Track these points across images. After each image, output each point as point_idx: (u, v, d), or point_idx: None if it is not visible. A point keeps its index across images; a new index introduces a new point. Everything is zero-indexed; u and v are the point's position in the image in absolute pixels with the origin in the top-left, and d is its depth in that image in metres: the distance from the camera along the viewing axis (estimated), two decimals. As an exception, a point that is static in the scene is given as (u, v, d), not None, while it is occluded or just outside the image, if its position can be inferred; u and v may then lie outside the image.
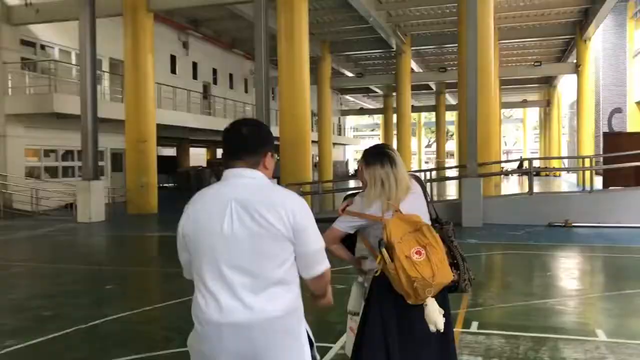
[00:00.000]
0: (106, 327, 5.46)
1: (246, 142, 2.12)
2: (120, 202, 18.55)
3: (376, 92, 47.38)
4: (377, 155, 2.94)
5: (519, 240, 11.06)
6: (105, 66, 22.73)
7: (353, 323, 2.97)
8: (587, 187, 13.54)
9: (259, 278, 1.99)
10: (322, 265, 2.12)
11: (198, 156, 39.17)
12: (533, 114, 66.34)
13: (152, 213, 17.61)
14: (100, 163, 22.48)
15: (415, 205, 2.90)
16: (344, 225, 2.91)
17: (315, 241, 2.10)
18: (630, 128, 28.19)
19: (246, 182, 2.07)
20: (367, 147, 3.06)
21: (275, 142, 2.83)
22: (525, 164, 32.71)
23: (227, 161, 2.14)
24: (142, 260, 10.09)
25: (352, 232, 2.92)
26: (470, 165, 12.86)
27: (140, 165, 17.83)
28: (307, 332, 2.12)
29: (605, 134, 16.85)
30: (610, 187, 13.92)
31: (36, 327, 5.42)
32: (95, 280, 7.83)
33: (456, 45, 28.02)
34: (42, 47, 20.53)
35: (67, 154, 21.43)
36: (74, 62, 20.56)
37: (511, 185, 30.66)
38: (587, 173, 13.96)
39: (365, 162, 2.95)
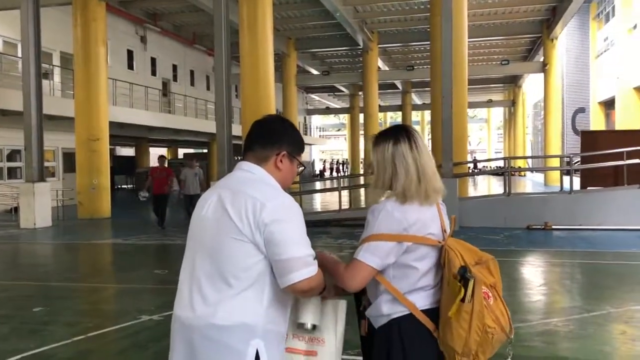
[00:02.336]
0: (21, 367, 4.41)
1: (258, 136, 2.01)
2: (72, 206, 17.26)
3: (342, 91, 46.79)
4: (389, 132, 2.08)
5: (499, 245, 10.36)
6: (56, 60, 21.38)
7: (302, 343, 2.05)
8: (566, 188, 13.00)
9: (216, 276, 1.83)
10: (290, 275, 1.80)
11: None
12: (497, 114, 66.84)
13: (105, 217, 16.40)
14: (51, 163, 21.27)
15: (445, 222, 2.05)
16: (377, 258, 1.93)
17: (285, 249, 1.80)
18: (593, 128, 28.22)
19: (240, 174, 1.97)
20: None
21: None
22: (478, 164, 32.69)
23: (243, 154, 2.04)
24: (85, 273, 8.96)
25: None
26: (445, 165, 12.15)
27: (92, 166, 16.64)
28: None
29: (582, 132, 16.40)
30: (589, 187, 13.40)
31: None
32: (24, 300, 6.70)
33: (424, 42, 27.91)
34: (-16, 39, 19.10)
35: (14, 154, 20.03)
36: (19, 55, 19.16)
37: (478, 186, 30.39)
38: (557, 173, 13.44)
39: (374, 144, 2.08)
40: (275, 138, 1.99)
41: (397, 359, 1.93)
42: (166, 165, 14.51)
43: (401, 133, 2.04)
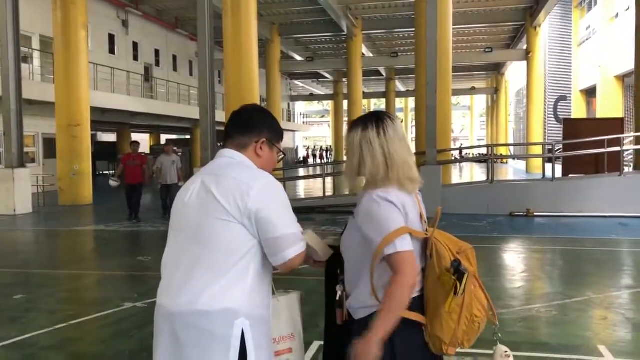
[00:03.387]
0: (2, 355, 4.33)
1: (237, 124, 2.05)
2: (53, 192, 17.04)
3: (326, 78, 46.64)
4: (360, 119, 2.06)
5: (482, 232, 10.44)
6: (36, 44, 20.97)
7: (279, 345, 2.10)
8: (548, 175, 13.11)
9: (198, 260, 1.82)
10: (285, 252, 1.86)
11: (141, 142, 37.41)
12: (480, 102, 67.12)
13: (87, 204, 16.22)
14: (31, 149, 20.95)
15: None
16: (407, 239, 1.87)
17: (276, 228, 1.84)
18: (575, 116, 28.46)
19: (222, 160, 1.99)
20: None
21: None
22: (476, 151, 32.93)
23: (223, 142, 2.07)
24: (67, 260, 8.85)
25: None
26: (429, 152, 12.19)
27: (73, 152, 16.42)
28: (248, 344, 1.80)
29: (565, 120, 16.52)
30: (571, 175, 13.54)
31: None
32: (3, 287, 6.61)
33: (408, 29, 27.87)
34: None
35: (-7, 139, 19.67)
36: (-2, 38, 18.76)
37: (460, 173, 30.57)
38: (540, 160, 13.55)
39: (347, 130, 2.08)
40: (254, 126, 2.04)
41: (384, 352, 1.86)
42: (139, 151, 13.31)
43: (370, 119, 2.00)
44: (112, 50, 25.99)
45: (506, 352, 1.99)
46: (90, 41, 19.12)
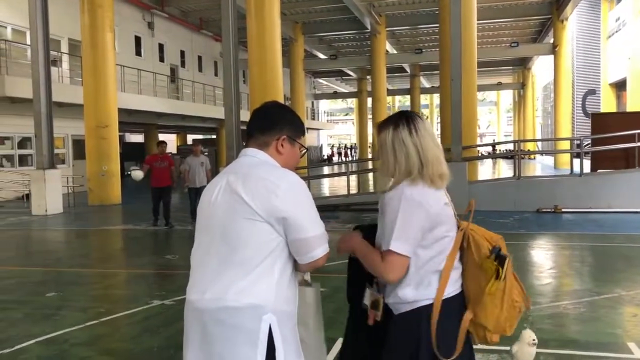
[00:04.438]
0: (34, 351, 4.45)
1: (257, 122, 2.07)
2: (83, 192, 17.38)
3: (350, 75, 46.56)
4: (390, 119, 2.10)
5: (509, 228, 10.34)
6: (64, 47, 21.40)
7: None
8: (576, 170, 12.91)
9: (226, 257, 1.87)
10: (313, 252, 1.90)
11: (168, 142, 37.85)
12: (507, 97, 66.28)
13: (115, 204, 16.50)
14: (61, 150, 21.39)
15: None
16: (409, 246, 1.94)
17: (303, 229, 1.87)
18: (604, 110, 27.90)
19: (246, 159, 2.02)
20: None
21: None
22: (505, 146, 32.55)
23: (246, 141, 2.10)
24: (97, 259, 9.04)
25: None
26: (455, 148, 12.10)
27: (101, 153, 16.72)
28: (275, 338, 1.83)
29: (593, 114, 16.21)
30: (599, 170, 13.30)
31: (-51, 353, 4.42)
32: (37, 285, 6.78)
33: (432, 25, 27.68)
34: (-7, 26, 19.11)
35: (25, 141, 20.14)
36: (28, 42, 19.19)
37: (487, 169, 30.25)
38: (567, 156, 13.35)
39: (377, 132, 2.11)
40: (274, 123, 2.05)
41: (427, 350, 1.93)
42: (167, 151, 12.19)
43: (401, 119, 2.04)
44: (138, 52, 26.36)
45: (534, 340, 2.02)
46: (117, 43, 19.42)
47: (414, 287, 1.97)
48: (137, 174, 11.00)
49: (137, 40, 26.28)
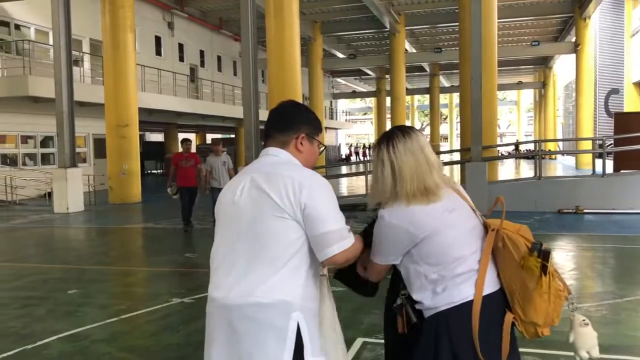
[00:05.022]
0: (56, 347, 4.52)
1: (275, 122, 2.10)
2: (103, 191, 17.59)
3: (368, 75, 46.43)
4: (378, 138, 2.19)
5: (530, 229, 10.20)
6: (86, 47, 21.67)
7: None
8: (599, 171, 12.74)
9: (254, 255, 1.89)
10: (329, 249, 1.91)
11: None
12: (527, 96, 65.58)
13: (135, 202, 16.66)
14: (82, 149, 21.67)
15: None
16: (385, 258, 2.10)
17: (323, 224, 1.89)
18: (627, 109, 27.46)
19: (268, 159, 2.05)
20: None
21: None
22: (526, 146, 32.28)
23: (264, 141, 2.13)
24: (117, 257, 9.13)
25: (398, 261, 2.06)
26: (474, 148, 12.00)
27: (122, 152, 16.89)
28: (303, 335, 1.86)
29: (616, 113, 16.00)
30: (622, 171, 13.10)
31: (-26, 348, 4.50)
32: (59, 282, 6.88)
33: (452, 24, 27.49)
34: (17, 26, 19.42)
35: (47, 140, 20.45)
36: (51, 42, 19.48)
37: (507, 169, 29.96)
38: (589, 156, 13.18)
39: None
40: (292, 122, 2.08)
41: (447, 355, 1.92)
42: (192, 150, 11.25)
43: (382, 138, 2.10)
44: (158, 52, 26.59)
45: (584, 320, 2.01)
46: (138, 43, 19.62)
47: (431, 293, 1.97)
48: (171, 190, 10.82)
49: (157, 40, 26.52)
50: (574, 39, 29.62)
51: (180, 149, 11.45)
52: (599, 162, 12.86)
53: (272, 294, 1.84)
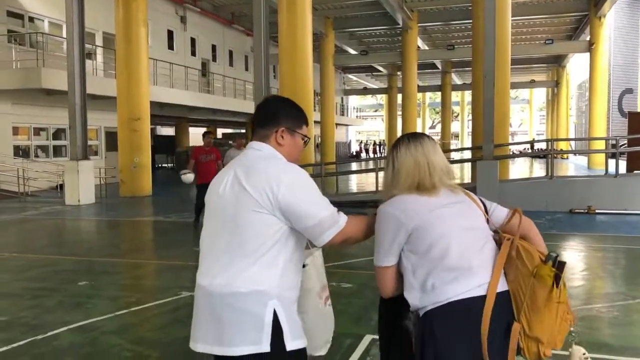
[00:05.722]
0: (67, 338, 4.55)
1: (257, 117, 2.18)
2: (114, 184, 17.68)
3: (380, 71, 46.30)
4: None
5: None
6: (99, 40, 21.76)
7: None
8: (611, 171, 12.62)
9: (235, 247, 1.98)
10: (324, 235, 2.00)
11: (198, 136, 38.18)
12: (539, 95, 65.12)
13: (146, 195, 16.73)
14: (94, 142, 21.80)
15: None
16: (383, 256, 2.09)
17: (310, 216, 1.97)
18: (641, 110, 27.19)
19: (250, 152, 2.12)
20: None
21: None
22: (538, 145, 32.10)
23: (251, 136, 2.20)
24: (128, 249, 9.18)
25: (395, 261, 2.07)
26: (486, 146, 11.93)
27: (133, 145, 16.95)
28: (281, 321, 1.95)
29: (630, 113, 15.84)
30: (636, 171, 12.97)
31: (-15, 338, 4.54)
32: (69, 274, 6.92)
33: (465, 21, 27.31)
34: (31, 19, 19.53)
35: (59, 132, 20.58)
36: (64, 35, 19.57)
37: (518, 168, 29.79)
38: (602, 156, 13.07)
39: None
40: (271, 116, 2.15)
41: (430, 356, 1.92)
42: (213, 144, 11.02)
43: (393, 143, 2.21)
44: (170, 46, 26.66)
45: (584, 354, 1.98)
46: (150, 37, 19.65)
47: (420, 292, 1.97)
48: (188, 177, 9.86)
49: (170, 34, 26.58)
50: (588, 38, 29.34)
51: (204, 142, 10.64)
52: (611, 162, 12.74)
53: (249, 284, 1.94)
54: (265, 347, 1.93)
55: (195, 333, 2.06)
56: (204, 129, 38.79)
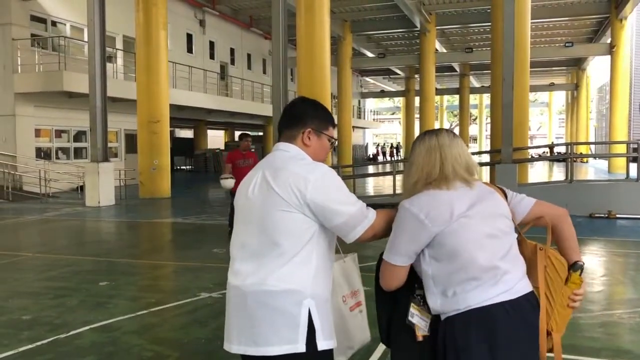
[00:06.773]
0: (88, 337, 4.62)
1: (284, 118, 2.20)
2: (134, 186, 17.88)
3: (397, 74, 46.20)
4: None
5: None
6: (119, 44, 22.02)
7: (351, 300, 2.40)
8: (633, 175, 12.46)
9: (265, 247, 1.99)
10: (354, 232, 2.02)
11: (216, 138, 38.49)
12: (559, 98, 64.45)
13: (165, 197, 16.89)
14: (114, 144, 22.05)
15: None
16: (397, 256, 2.01)
17: (339, 213, 1.98)
18: (664, 113, 26.84)
19: (279, 153, 2.13)
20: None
21: None
22: (557, 149, 31.83)
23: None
24: (147, 250, 9.29)
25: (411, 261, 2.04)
26: (505, 150, 11.86)
27: (153, 147, 17.13)
28: (314, 320, 1.95)
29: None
30: (657, 176, 12.78)
31: (8, 336, 4.63)
32: (90, 274, 7.02)
33: (483, 24, 27.19)
34: (54, 23, 19.84)
35: (80, 135, 20.87)
36: (86, 39, 19.84)
37: (537, 172, 29.51)
38: (623, 160, 12.90)
39: None
40: (298, 117, 2.17)
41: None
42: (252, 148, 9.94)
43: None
44: (189, 49, 26.88)
45: None
46: (170, 41, 19.86)
47: (441, 297, 1.95)
48: (229, 182, 8.98)
49: (189, 37, 26.80)
50: (609, 40, 29.01)
51: (241, 145, 9.56)
52: (633, 166, 12.58)
53: (282, 283, 1.95)
54: (301, 347, 1.92)
55: (230, 334, 2.06)
56: (222, 132, 39.21)
